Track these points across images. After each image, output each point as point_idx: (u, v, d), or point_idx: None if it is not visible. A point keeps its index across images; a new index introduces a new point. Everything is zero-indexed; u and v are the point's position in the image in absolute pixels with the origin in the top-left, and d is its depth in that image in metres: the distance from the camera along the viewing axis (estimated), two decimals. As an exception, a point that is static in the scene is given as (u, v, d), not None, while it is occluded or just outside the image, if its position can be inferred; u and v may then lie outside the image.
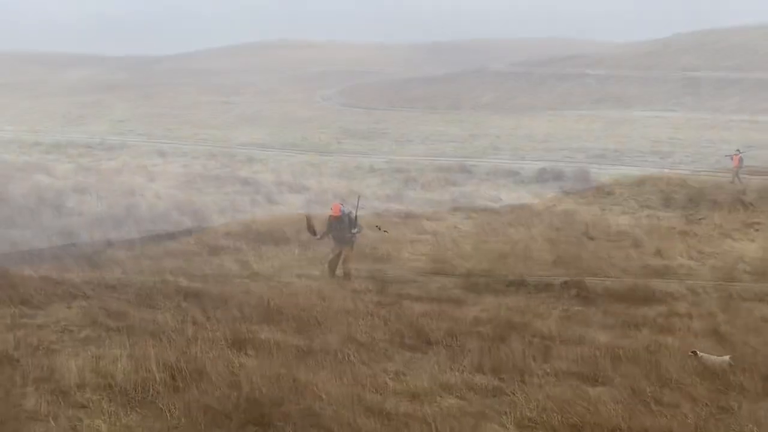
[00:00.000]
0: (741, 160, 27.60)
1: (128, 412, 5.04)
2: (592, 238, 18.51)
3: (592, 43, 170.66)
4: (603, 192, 27.31)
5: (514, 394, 6.21)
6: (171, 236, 13.04)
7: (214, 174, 28.78)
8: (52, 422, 4.76)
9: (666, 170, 29.48)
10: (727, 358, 7.68)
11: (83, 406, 5.10)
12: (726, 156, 29.48)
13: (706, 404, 6.44)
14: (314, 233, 12.31)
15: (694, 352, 7.70)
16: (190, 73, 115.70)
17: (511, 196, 25.82)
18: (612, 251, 16.34)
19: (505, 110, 60.91)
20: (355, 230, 12.28)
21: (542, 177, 28.77)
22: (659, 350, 8.19)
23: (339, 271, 12.18)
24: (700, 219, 23.12)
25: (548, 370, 7.01)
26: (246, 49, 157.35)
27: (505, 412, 5.78)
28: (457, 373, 6.71)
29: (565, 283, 12.27)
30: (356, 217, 12.31)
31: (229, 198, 22.44)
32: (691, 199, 25.44)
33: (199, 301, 8.16)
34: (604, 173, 29.91)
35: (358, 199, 13.53)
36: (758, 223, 22.28)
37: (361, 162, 33.39)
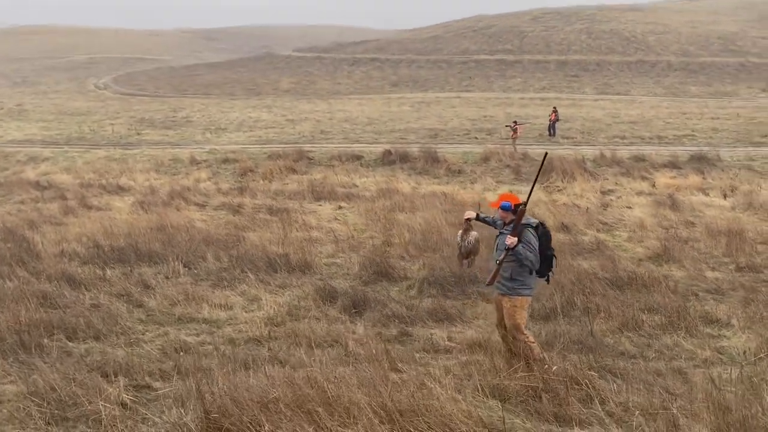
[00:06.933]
0: (516, 131, 29.19)
1: None
2: (485, 219, 16.99)
3: (368, 30, 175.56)
4: (453, 171, 26.28)
5: None
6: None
7: (-9, 179, 22.47)
8: None
9: (505, 146, 29.31)
10: None
11: None
12: (506, 127, 32.33)
13: None
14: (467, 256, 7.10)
15: None
16: None
17: (367, 181, 23.55)
18: (524, 231, 14.80)
19: (309, 95, 58.48)
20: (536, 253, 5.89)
21: (389, 159, 26.92)
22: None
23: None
24: (559, 189, 23.00)
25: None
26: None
27: None
28: None
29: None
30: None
31: (30, 207, 17.12)
32: (541, 171, 25.39)
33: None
34: (444, 152, 28.98)
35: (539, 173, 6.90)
36: (612, 190, 22.67)
37: (176, 153, 28.75)
